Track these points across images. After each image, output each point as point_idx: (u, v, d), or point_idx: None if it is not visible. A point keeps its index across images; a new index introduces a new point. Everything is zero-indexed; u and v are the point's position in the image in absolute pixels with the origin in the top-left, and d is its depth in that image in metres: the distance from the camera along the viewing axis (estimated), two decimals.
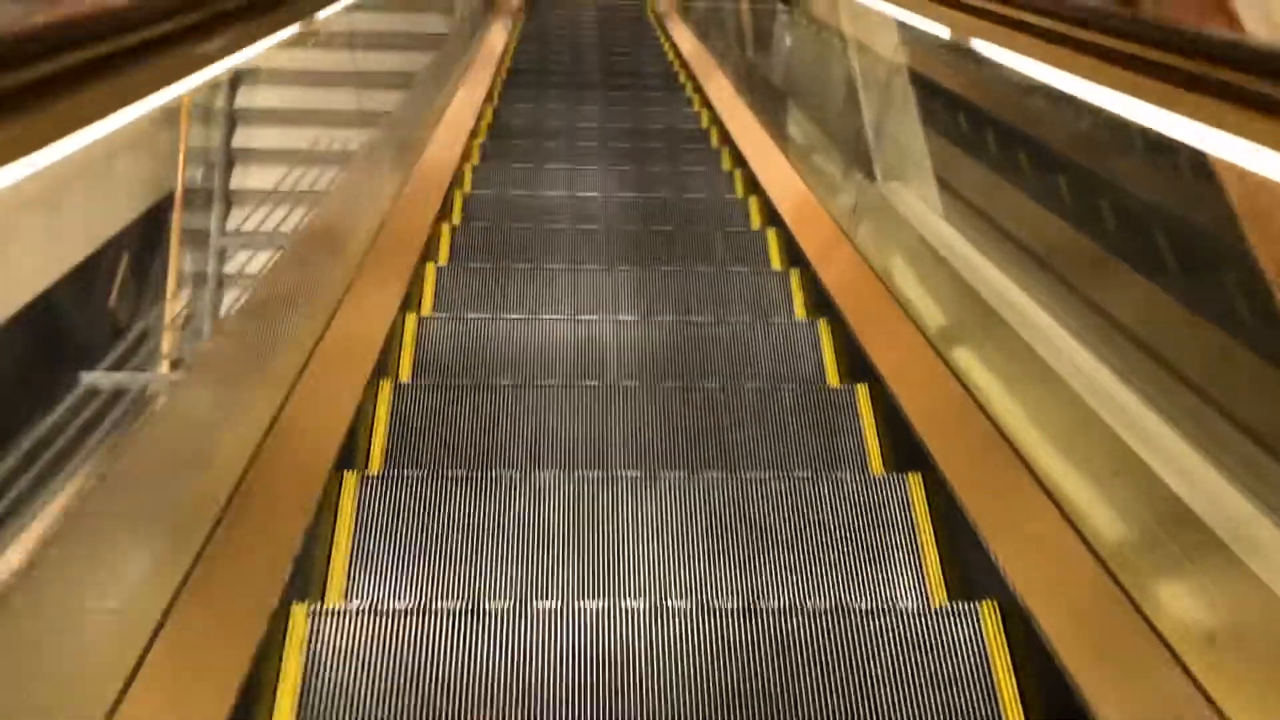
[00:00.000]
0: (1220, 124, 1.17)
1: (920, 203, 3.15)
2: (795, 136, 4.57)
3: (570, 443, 2.42)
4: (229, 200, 6.76)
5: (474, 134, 4.95)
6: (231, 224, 6.63)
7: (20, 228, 3.62)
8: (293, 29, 1.81)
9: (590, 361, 2.84)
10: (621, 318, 3.01)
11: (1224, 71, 1.16)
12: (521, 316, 2.96)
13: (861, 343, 2.65)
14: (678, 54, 7.35)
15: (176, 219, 5.76)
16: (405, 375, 2.74)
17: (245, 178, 6.75)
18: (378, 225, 3.20)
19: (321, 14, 1.93)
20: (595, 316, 3.00)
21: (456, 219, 3.91)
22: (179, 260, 5.74)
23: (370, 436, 2.35)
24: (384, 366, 2.58)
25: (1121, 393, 1.78)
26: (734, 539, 2.07)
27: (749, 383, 2.71)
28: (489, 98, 5.83)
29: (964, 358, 2.28)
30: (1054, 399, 1.94)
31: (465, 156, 4.59)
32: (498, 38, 7.24)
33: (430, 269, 3.26)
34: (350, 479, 2.05)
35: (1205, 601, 1.46)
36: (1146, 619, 1.45)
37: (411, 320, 2.86)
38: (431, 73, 5.25)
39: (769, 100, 5.07)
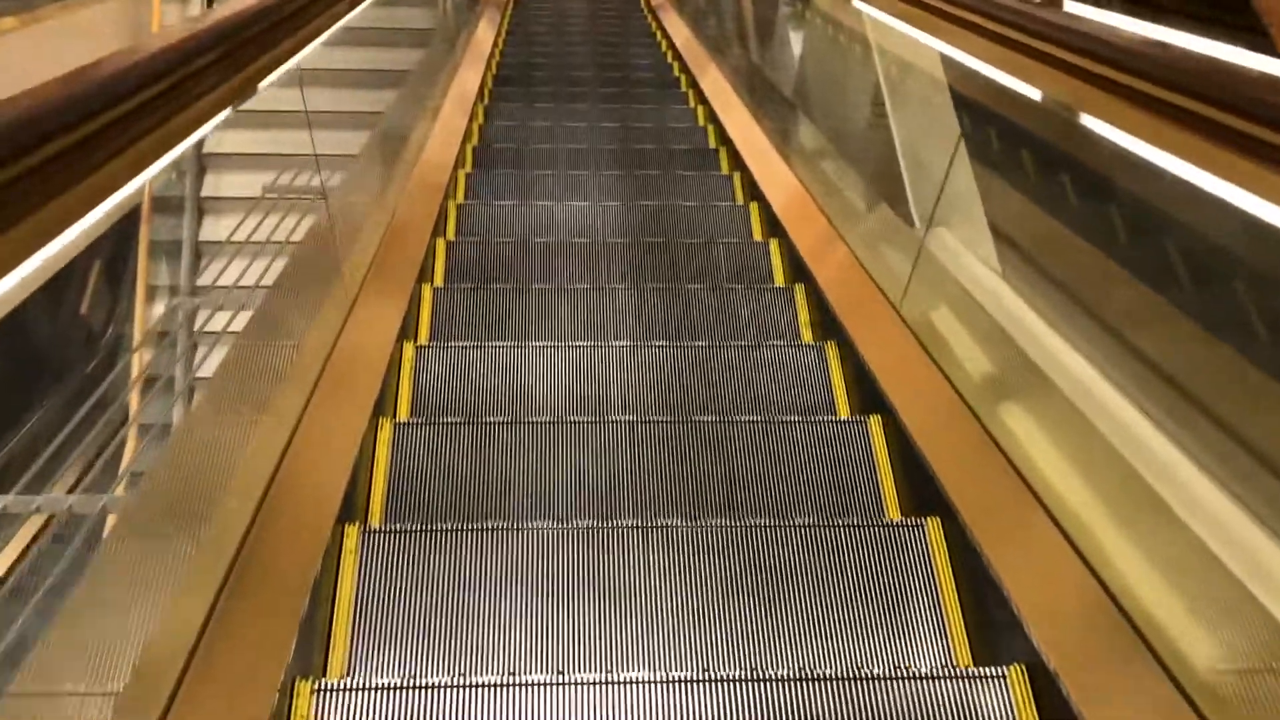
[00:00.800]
0: None
1: (966, 252, 2.74)
2: (811, 158, 4.45)
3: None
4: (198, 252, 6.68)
5: (461, 155, 4.93)
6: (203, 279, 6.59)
7: None
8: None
9: (587, 395, 2.88)
10: (618, 343, 3.05)
11: None
12: (513, 344, 3.01)
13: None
14: (673, 48, 7.32)
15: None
16: (403, 413, 2.76)
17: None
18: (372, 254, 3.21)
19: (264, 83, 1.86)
20: (590, 343, 3.05)
21: (451, 233, 4.03)
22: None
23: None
24: (382, 405, 2.58)
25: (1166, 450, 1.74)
26: (741, 594, 2.06)
27: (746, 415, 2.72)
28: (479, 96, 5.81)
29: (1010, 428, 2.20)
30: (1090, 453, 1.93)
31: (457, 164, 4.64)
32: (485, 35, 7.19)
33: (426, 290, 3.35)
34: (351, 532, 2.08)
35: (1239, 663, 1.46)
36: (1179, 685, 1.45)
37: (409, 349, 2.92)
38: (411, 94, 5.20)
39: (776, 109, 4.99)
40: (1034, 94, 2.06)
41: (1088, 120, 1.79)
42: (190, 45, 1.50)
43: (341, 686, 1.68)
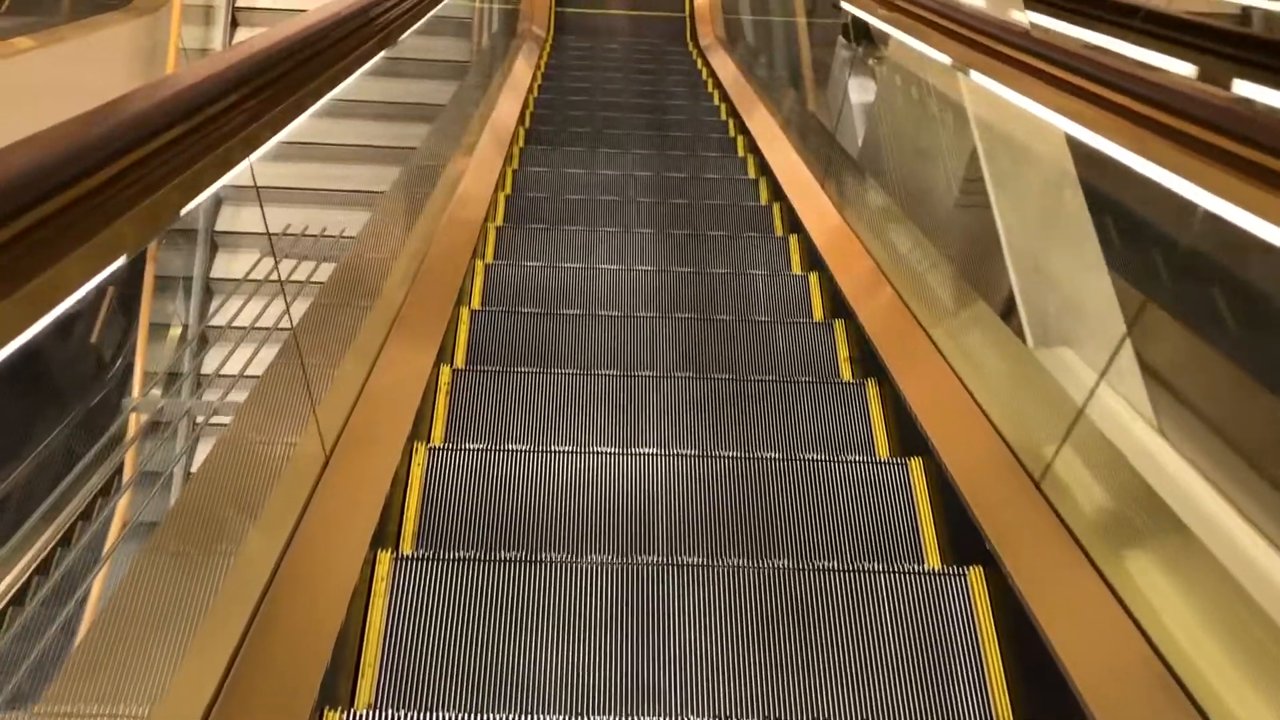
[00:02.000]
0: None
1: (1104, 389, 2.31)
2: (879, 227, 4.04)
3: None
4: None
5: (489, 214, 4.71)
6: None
7: None
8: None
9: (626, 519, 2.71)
10: (665, 451, 2.86)
11: None
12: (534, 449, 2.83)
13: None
14: (719, 87, 7.13)
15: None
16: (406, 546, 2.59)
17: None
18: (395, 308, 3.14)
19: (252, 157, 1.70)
20: (618, 449, 2.85)
21: (476, 301, 3.89)
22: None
23: None
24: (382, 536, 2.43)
25: None
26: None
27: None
28: (514, 138, 5.59)
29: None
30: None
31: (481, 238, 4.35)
32: (521, 72, 7.03)
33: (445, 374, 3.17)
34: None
35: None
36: None
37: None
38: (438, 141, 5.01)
39: (841, 169, 4.67)
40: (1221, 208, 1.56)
41: None
42: (212, 87, 1.43)
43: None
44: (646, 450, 2.83)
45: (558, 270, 3.97)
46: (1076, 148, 2.41)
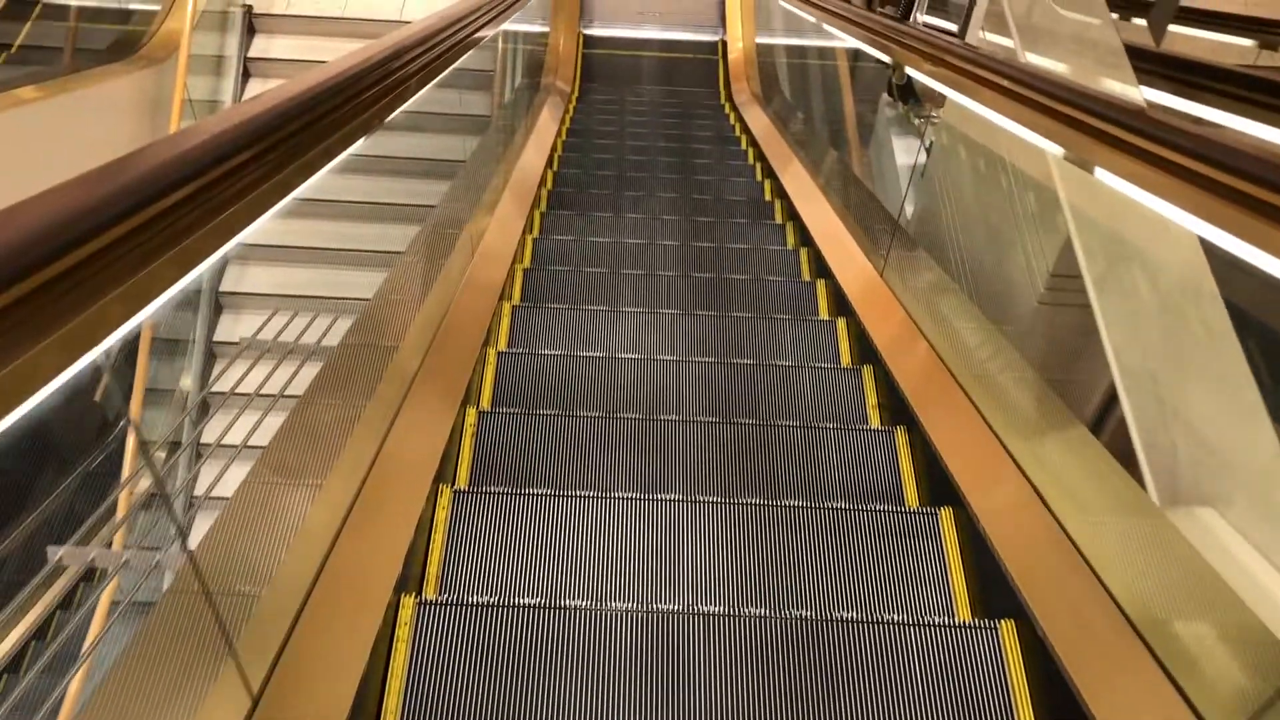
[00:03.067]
0: None
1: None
2: (939, 313, 3.55)
3: None
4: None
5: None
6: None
7: None
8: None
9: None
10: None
11: None
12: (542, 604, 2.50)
13: None
14: (761, 158, 6.87)
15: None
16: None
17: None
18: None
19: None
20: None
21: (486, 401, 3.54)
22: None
23: None
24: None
25: None
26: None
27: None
28: (535, 202, 5.43)
29: None
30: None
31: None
32: (546, 127, 6.86)
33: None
34: None
35: None
36: None
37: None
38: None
39: (900, 248, 4.11)
40: None
41: None
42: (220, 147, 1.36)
43: None
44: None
45: (576, 360, 3.67)
46: (1220, 258, 2.02)
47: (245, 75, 7.99)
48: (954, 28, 4.45)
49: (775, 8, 7.76)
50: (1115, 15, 2.69)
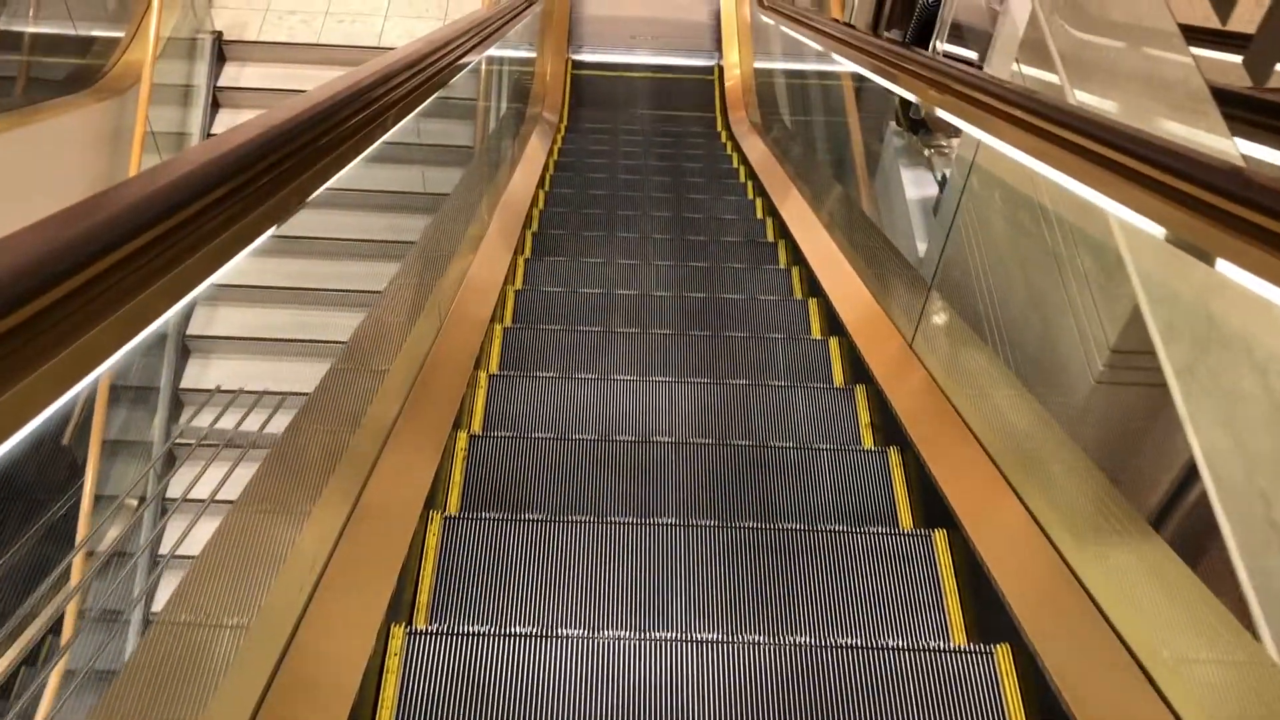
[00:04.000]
0: None
1: None
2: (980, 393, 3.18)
3: None
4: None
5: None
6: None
7: None
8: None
9: None
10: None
11: None
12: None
13: None
14: (753, 177, 6.67)
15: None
16: None
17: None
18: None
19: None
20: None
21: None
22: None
23: None
24: None
25: None
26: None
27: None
28: (519, 247, 5.16)
29: None
30: None
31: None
32: (533, 159, 6.63)
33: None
34: None
35: None
36: None
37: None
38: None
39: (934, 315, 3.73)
40: None
41: None
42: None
43: None
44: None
45: (566, 442, 3.37)
46: None
47: (215, 105, 7.83)
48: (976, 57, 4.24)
49: (775, 32, 7.56)
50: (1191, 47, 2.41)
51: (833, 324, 4.28)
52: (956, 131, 5.86)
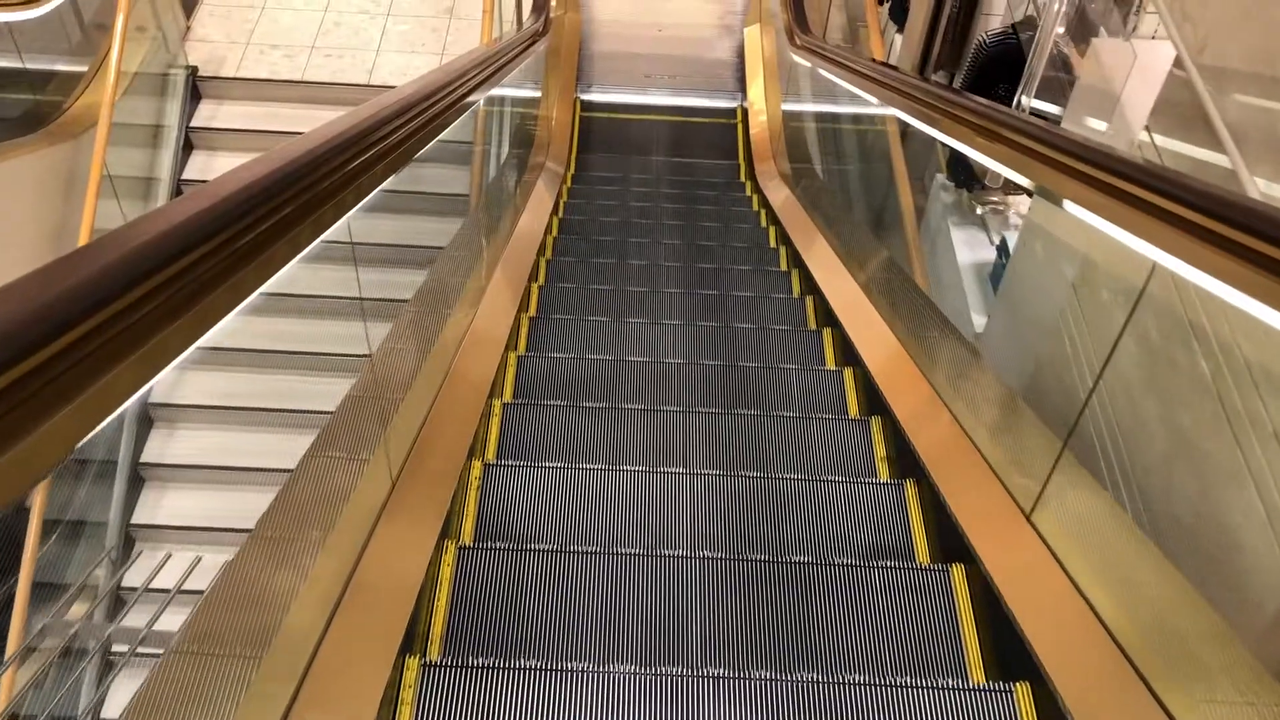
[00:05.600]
0: None
1: None
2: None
3: None
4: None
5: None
6: None
7: None
8: None
9: None
10: None
11: None
12: None
13: None
14: (798, 263, 5.98)
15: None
16: None
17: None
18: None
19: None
20: None
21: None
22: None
23: None
24: None
25: None
26: None
27: None
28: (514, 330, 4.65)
29: None
30: None
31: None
32: (535, 222, 6.18)
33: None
34: None
35: None
36: None
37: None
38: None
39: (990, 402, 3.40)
40: None
41: None
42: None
43: None
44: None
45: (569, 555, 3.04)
46: None
47: (188, 147, 7.52)
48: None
49: (809, 72, 7.16)
50: None
51: (879, 405, 3.91)
52: (1014, 187, 5.47)
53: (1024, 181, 2.50)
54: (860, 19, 8.02)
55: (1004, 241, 5.15)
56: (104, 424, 1.22)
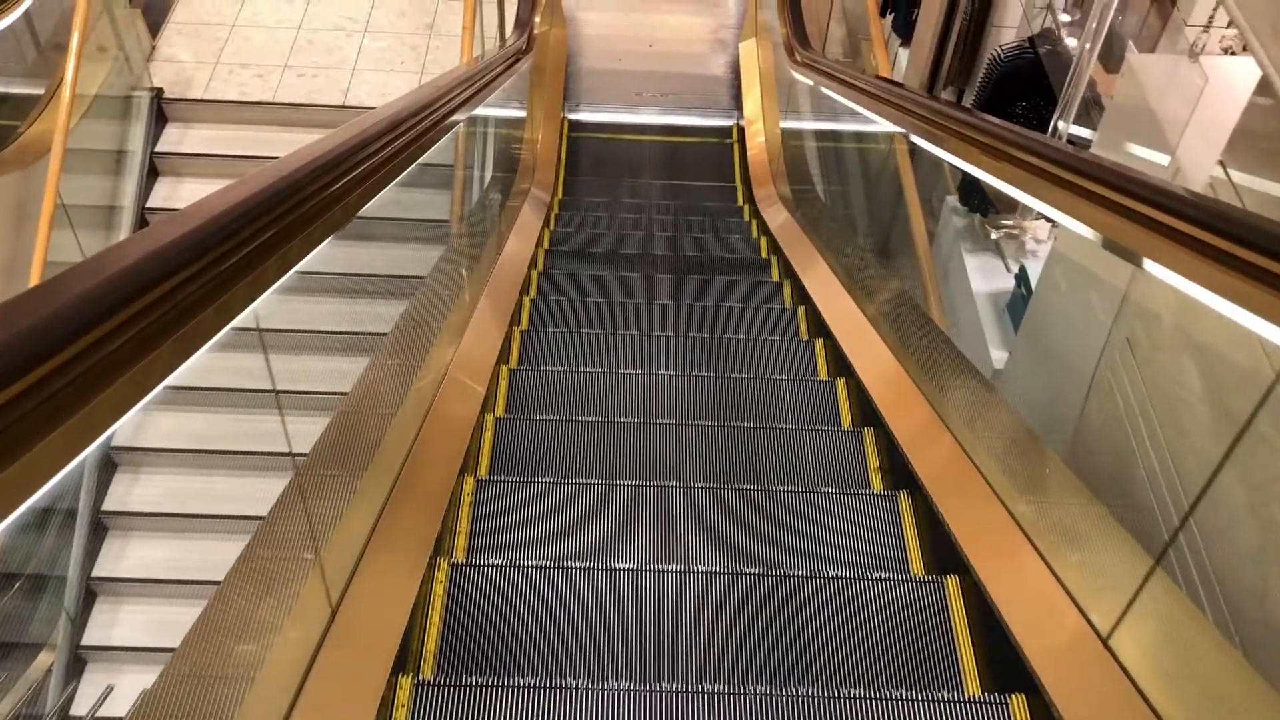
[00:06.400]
0: None
1: None
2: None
3: None
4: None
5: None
6: None
7: None
8: None
9: None
10: None
11: None
12: None
13: None
14: (805, 299, 5.53)
15: None
16: None
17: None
18: None
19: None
20: None
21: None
22: None
23: None
24: None
25: None
26: None
27: None
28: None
29: None
30: None
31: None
32: (519, 251, 5.92)
33: None
34: None
35: None
36: None
37: None
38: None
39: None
40: None
41: None
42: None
43: None
44: None
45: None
46: None
47: (153, 173, 7.32)
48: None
49: (804, 87, 6.93)
50: None
51: (907, 475, 3.57)
52: (1030, 210, 5.24)
53: (1088, 233, 2.22)
54: (862, 32, 7.80)
55: (1023, 270, 4.93)
56: (56, 480, 1.20)
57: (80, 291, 1.23)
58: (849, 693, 2.53)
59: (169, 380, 1.42)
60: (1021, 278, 4.92)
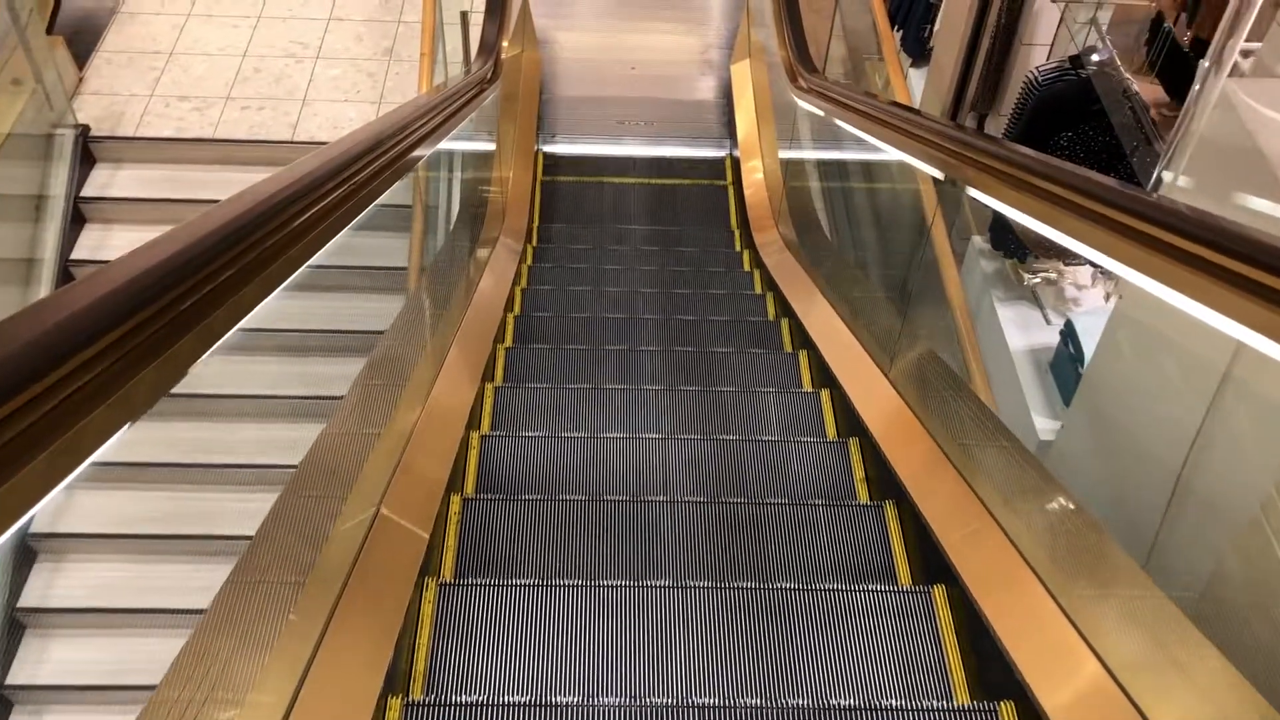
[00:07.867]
0: None
1: None
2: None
3: None
4: None
5: None
6: None
7: None
8: None
9: None
10: None
11: None
12: None
13: None
14: (821, 365, 4.93)
15: None
16: None
17: None
18: None
19: None
20: None
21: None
22: None
23: None
24: None
25: None
26: None
27: None
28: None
29: None
30: None
31: None
32: (489, 310, 5.43)
33: None
34: None
35: None
36: None
37: None
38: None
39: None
40: None
41: None
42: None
43: None
44: None
45: None
46: None
47: (78, 220, 6.91)
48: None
49: (808, 115, 6.47)
50: None
51: (941, 567, 3.21)
52: (1066, 253, 4.76)
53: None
54: (873, 52, 7.33)
55: (1069, 325, 4.49)
56: None
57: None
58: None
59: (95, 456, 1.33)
60: (1068, 333, 4.47)
